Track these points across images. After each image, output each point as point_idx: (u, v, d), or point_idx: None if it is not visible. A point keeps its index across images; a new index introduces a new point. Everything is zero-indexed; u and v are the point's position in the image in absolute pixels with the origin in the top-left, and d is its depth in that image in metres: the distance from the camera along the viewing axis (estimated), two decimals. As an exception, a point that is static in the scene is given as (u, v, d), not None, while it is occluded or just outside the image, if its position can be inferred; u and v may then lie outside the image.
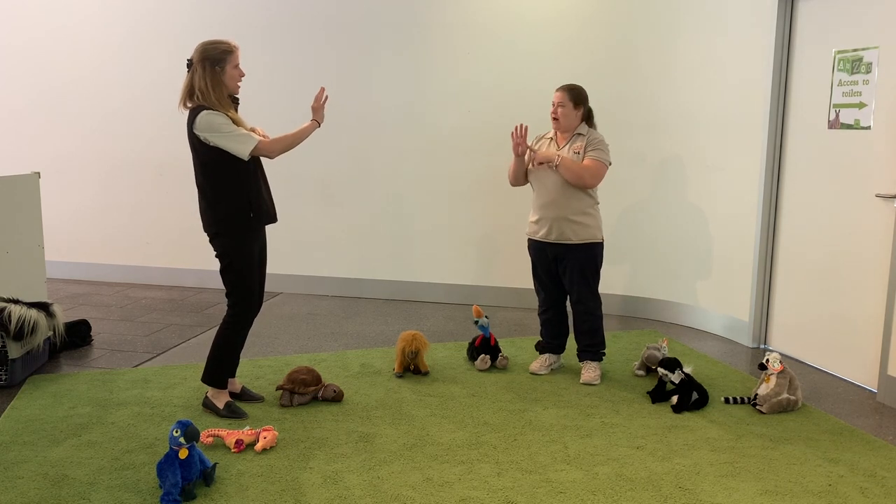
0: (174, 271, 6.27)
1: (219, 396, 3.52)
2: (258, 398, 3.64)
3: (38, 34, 6.25)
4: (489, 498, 2.77)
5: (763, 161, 4.55)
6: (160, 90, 6.09)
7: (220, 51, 3.27)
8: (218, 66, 3.26)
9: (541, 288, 4.10)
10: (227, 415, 3.47)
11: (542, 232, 3.93)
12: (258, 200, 3.37)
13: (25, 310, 3.94)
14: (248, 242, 3.38)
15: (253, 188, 3.35)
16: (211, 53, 3.26)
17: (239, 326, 3.44)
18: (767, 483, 2.90)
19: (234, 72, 3.30)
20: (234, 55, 3.29)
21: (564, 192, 3.85)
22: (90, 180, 6.33)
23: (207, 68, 3.25)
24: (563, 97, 3.88)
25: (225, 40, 3.31)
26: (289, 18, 5.79)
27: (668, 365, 3.68)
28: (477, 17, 5.48)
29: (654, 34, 5.15)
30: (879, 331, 3.91)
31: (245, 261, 3.38)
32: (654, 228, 5.28)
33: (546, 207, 3.89)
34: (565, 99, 3.88)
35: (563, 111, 3.88)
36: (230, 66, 3.29)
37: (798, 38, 4.39)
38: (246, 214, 3.34)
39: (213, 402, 3.52)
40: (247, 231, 3.36)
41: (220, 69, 3.27)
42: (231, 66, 3.29)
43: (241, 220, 3.34)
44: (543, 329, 4.18)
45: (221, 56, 3.26)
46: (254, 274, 3.42)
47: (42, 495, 2.76)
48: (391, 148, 5.76)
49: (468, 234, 5.73)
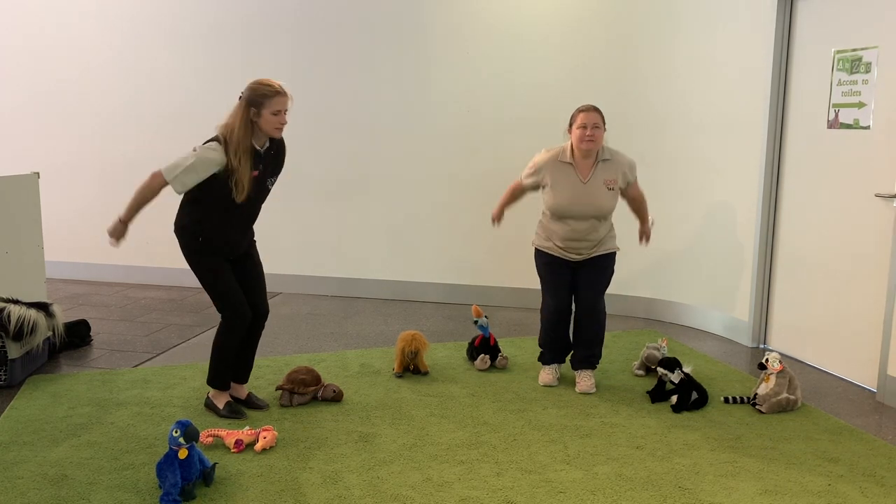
0: (174, 271, 6.27)
1: (219, 397, 3.52)
2: (263, 406, 3.60)
3: (38, 34, 6.25)
4: (489, 498, 2.77)
5: (763, 161, 4.55)
6: (160, 90, 6.09)
7: (259, 93, 3.18)
8: (253, 108, 3.19)
9: (554, 295, 3.85)
10: (226, 415, 3.47)
11: (567, 254, 3.79)
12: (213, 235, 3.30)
13: (25, 310, 3.94)
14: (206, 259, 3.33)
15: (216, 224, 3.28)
16: (251, 94, 3.19)
17: (229, 334, 3.41)
18: (767, 483, 2.90)
19: (271, 118, 3.20)
20: (273, 100, 3.17)
21: (596, 227, 3.73)
22: (90, 180, 6.33)
23: (243, 107, 3.20)
24: (598, 118, 3.64)
25: (272, 83, 3.20)
26: (289, 18, 5.79)
27: (668, 365, 3.68)
28: (477, 17, 5.48)
29: (653, 34, 5.15)
30: (879, 331, 3.91)
31: (204, 272, 3.34)
32: (654, 228, 5.27)
33: (579, 241, 3.74)
34: (600, 120, 3.64)
35: (599, 133, 3.64)
36: (267, 111, 3.18)
37: (797, 37, 4.39)
38: (195, 239, 3.31)
39: (214, 403, 3.53)
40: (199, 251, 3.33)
41: (256, 112, 3.19)
42: (269, 110, 3.18)
43: (192, 240, 3.32)
44: (550, 337, 3.95)
45: (259, 99, 3.18)
46: (221, 286, 3.34)
47: (42, 495, 2.76)
48: (391, 148, 5.76)
49: (468, 234, 5.72)
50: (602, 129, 3.65)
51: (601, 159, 3.71)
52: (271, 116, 3.20)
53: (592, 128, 3.62)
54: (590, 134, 3.61)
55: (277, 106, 3.19)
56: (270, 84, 3.21)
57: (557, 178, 3.72)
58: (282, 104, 3.21)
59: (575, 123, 3.68)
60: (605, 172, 3.71)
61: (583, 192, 3.68)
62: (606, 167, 3.72)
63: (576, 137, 3.66)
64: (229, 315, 3.38)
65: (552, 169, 3.74)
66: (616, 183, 3.72)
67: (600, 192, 3.69)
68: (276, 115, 3.20)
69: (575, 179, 3.70)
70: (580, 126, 3.64)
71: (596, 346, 3.90)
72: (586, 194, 3.68)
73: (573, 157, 3.72)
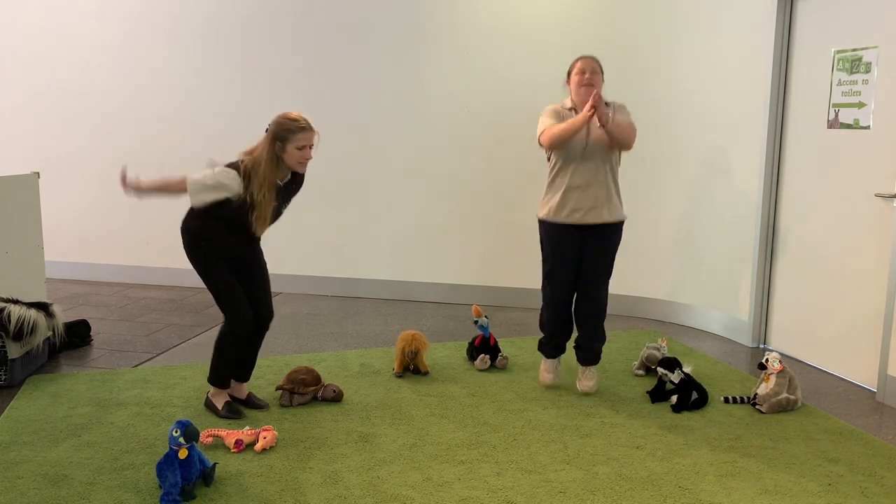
0: (174, 271, 6.27)
1: (218, 396, 3.52)
2: (263, 406, 3.60)
3: (38, 33, 6.25)
4: (489, 498, 2.77)
5: (763, 161, 4.55)
6: (160, 90, 6.09)
7: (285, 128, 3.19)
8: (279, 143, 3.20)
9: (556, 279, 3.72)
10: (225, 415, 3.47)
11: (575, 214, 3.62)
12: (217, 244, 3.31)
13: (25, 310, 3.94)
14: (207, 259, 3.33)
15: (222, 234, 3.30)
16: (276, 128, 3.20)
17: (230, 337, 3.41)
18: (767, 483, 2.90)
19: (296, 152, 3.21)
20: (298, 136, 3.19)
21: (607, 169, 3.61)
22: (90, 180, 6.33)
23: (269, 140, 3.20)
24: (596, 66, 3.61)
25: (298, 119, 3.21)
26: (289, 19, 5.79)
27: (668, 365, 3.68)
28: (477, 17, 5.48)
29: (653, 34, 5.15)
30: (879, 330, 3.91)
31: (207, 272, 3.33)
32: (654, 228, 5.28)
33: (586, 188, 3.60)
34: (598, 67, 3.61)
35: (597, 79, 3.59)
36: (292, 146, 3.20)
37: (797, 37, 4.39)
38: (198, 242, 3.31)
39: (213, 402, 3.53)
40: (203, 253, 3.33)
41: (281, 146, 3.20)
42: (294, 145, 3.19)
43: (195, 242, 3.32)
44: (552, 328, 3.84)
45: (285, 133, 3.19)
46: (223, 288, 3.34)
47: (42, 495, 2.76)
48: (391, 147, 5.76)
49: (468, 233, 5.73)
50: (600, 75, 3.62)
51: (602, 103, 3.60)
52: (296, 151, 3.21)
53: (591, 73, 3.58)
54: (588, 77, 3.58)
55: (303, 141, 3.21)
56: (297, 119, 3.22)
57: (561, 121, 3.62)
58: (307, 139, 3.22)
59: (573, 71, 3.65)
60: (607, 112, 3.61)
61: (585, 131, 3.58)
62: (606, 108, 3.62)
63: (574, 84, 3.63)
64: (230, 318, 3.38)
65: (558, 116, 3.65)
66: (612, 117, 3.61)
67: (599, 130, 3.58)
68: (301, 149, 3.21)
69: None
70: (578, 72, 3.61)
71: (599, 335, 3.80)
72: (589, 132, 3.58)
73: (574, 106, 3.67)
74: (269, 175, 3.20)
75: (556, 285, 3.75)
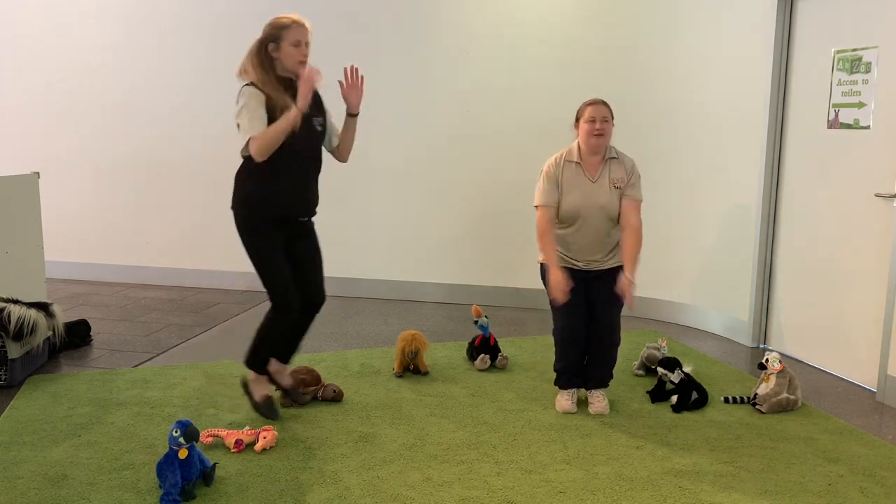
0: (174, 271, 6.27)
1: (258, 385, 3.36)
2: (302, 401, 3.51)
3: (37, 32, 6.25)
4: (489, 498, 2.77)
5: (763, 161, 4.55)
6: (160, 89, 6.09)
7: (277, 25, 3.05)
8: (272, 43, 3.05)
9: (569, 314, 3.50)
10: (261, 409, 3.33)
11: (583, 264, 3.53)
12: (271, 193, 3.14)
13: (25, 310, 3.94)
14: (258, 232, 3.18)
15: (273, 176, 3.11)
16: (267, 29, 3.06)
17: (274, 322, 3.26)
18: (767, 483, 2.90)
19: (291, 50, 3.04)
20: (292, 30, 3.03)
21: (608, 231, 3.50)
22: (90, 180, 6.33)
23: (257, 45, 3.07)
24: (607, 112, 3.43)
25: (287, 15, 3.08)
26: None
27: (668, 364, 3.68)
28: (477, 18, 5.48)
29: (653, 34, 5.15)
30: (879, 331, 3.91)
31: (256, 252, 3.18)
32: (654, 228, 5.28)
33: (591, 246, 3.49)
34: (608, 114, 3.44)
35: (608, 127, 3.44)
36: (287, 43, 3.04)
37: (797, 37, 4.39)
38: (253, 204, 3.16)
39: (251, 389, 3.38)
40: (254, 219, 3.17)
41: (275, 46, 3.04)
42: (288, 42, 3.04)
43: (250, 209, 3.18)
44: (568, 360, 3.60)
45: (276, 32, 3.04)
46: (273, 270, 3.19)
47: (42, 495, 2.76)
48: (391, 147, 5.76)
49: (468, 233, 5.73)
50: (611, 122, 3.46)
51: (608, 157, 3.50)
52: (292, 49, 3.05)
53: (601, 121, 3.41)
54: (599, 128, 3.41)
55: (297, 36, 3.04)
56: (287, 16, 3.07)
57: (566, 179, 3.49)
58: (302, 34, 3.05)
59: (582, 118, 3.48)
60: (614, 172, 3.50)
61: (592, 191, 3.47)
62: (615, 166, 3.50)
63: (583, 133, 3.46)
64: (277, 303, 3.24)
65: (562, 171, 3.51)
66: (622, 182, 3.48)
67: (608, 193, 3.48)
68: (296, 46, 3.05)
69: (583, 179, 3.48)
70: (588, 120, 3.44)
71: (610, 366, 3.67)
72: (596, 194, 3.47)
73: (580, 156, 3.50)
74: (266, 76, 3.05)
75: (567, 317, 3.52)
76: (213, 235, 6.14)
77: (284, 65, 3.09)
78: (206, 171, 6.08)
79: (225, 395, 3.76)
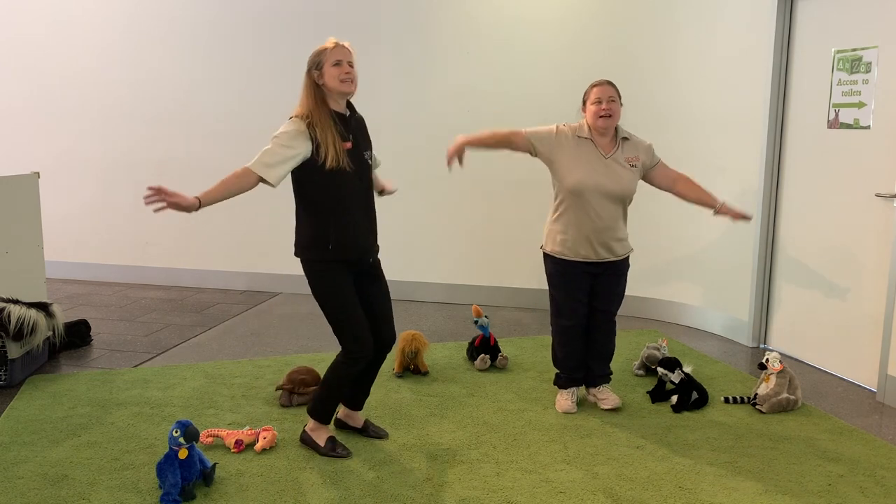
0: (173, 271, 6.27)
1: (319, 432, 3.16)
2: (383, 435, 3.32)
3: (38, 33, 6.25)
4: (489, 498, 2.77)
5: (763, 161, 4.55)
6: (160, 89, 6.09)
7: (316, 53, 2.97)
8: (316, 71, 2.96)
9: (570, 308, 3.48)
10: (327, 453, 3.11)
11: (586, 252, 3.42)
12: (340, 235, 2.97)
13: (25, 310, 3.94)
14: (331, 275, 2.99)
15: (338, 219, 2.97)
16: (310, 59, 2.98)
17: (347, 366, 3.04)
18: (767, 483, 2.90)
19: (333, 70, 2.93)
20: (331, 52, 2.93)
21: (619, 215, 3.44)
22: (89, 180, 6.33)
23: (307, 76, 2.98)
24: (613, 91, 3.36)
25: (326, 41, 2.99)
26: (286, 18, 5.79)
27: (668, 365, 3.68)
28: (477, 18, 5.48)
29: (653, 34, 5.15)
30: (879, 331, 3.91)
31: (331, 297, 2.98)
32: (654, 228, 5.28)
33: (603, 232, 3.40)
34: (615, 93, 3.37)
35: (615, 107, 3.36)
36: (328, 65, 2.93)
37: (798, 37, 4.39)
38: (325, 247, 2.97)
39: (313, 439, 3.15)
40: (327, 262, 2.98)
41: (319, 73, 2.95)
42: (329, 63, 2.93)
43: (320, 252, 2.98)
44: (567, 355, 3.58)
45: (317, 58, 2.96)
46: (346, 310, 2.99)
47: (42, 495, 2.76)
48: (391, 147, 5.76)
49: (468, 233, 5.73)
50: (618, 102, 3.38)
51: (621, 137, 3.43)
52: (333, 69, 2.93)
53: (608, 101, 3.34)
54: (605, 108, 3.33)
55: (337, 56, 2.94)
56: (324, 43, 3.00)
57: (576, 154, 3.39)
58: (341, 54, 2.95)
59: (589, 99, 3.41)
60: (626, 151, 3.43)
61: (604, 168, 3.37)
62: (627, 146, 3.44)
63: (591, 114, 3.39)
64: (351, 349, 3.01)
65: (570, 143, 3.41)
66: (638, 160, 3.42)
67: (623, 170, 3.38)
68: (337, 65, 2.93)
69: (596, 154, 3.38)
70: (595, 101, 3.37)
71: (609, 360, 3.68)
72: (608, 171, 3.37)
73: (591, 134, 3.42)
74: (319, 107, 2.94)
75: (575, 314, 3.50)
76: (213, 235, 6.14)
77: (329, 87, 2.95)
78: (206, 170, 6.08)
79: (225, 395, 3.76)
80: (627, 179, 3.40)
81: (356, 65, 3.01)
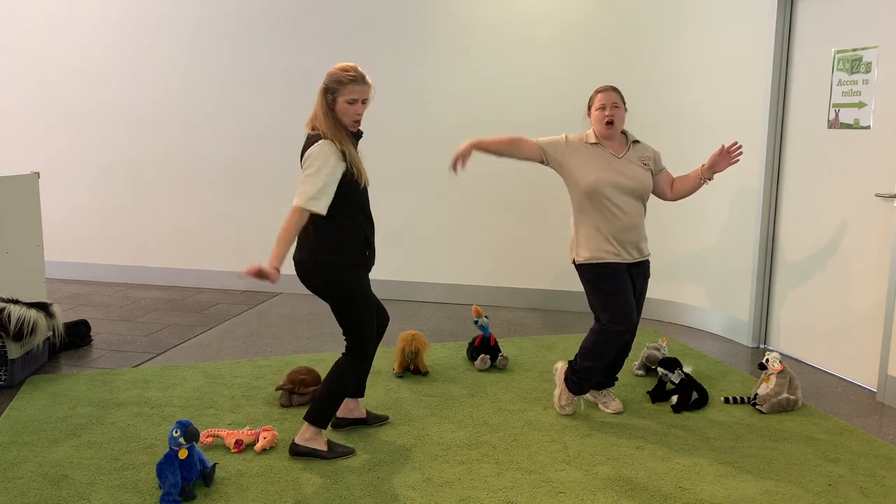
0: (173, 271, 6.27)
1: (316, 440, 3.09)
2: (384, 418, 3.43)
3: (37, 32, 6.25)
4: (489, 498, 2.77)
5: (763, 161, 4.55)
6: (160, 89, 6.09)
7: (335, 78, 2.91)
8: (330, 95, 2.91)
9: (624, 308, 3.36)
10: (336, 457, 3.09)
11: (626, 254, 3.42)
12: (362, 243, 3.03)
13: (25, 310, 3.94)
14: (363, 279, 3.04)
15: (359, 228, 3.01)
16: (327, 78, 2.93)
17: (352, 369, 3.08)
18: (767, 483, 2.90)
19: (346, 107, 2.90)
20: (348, 87, 2.87)
21: (641, 212, 3.46)
22: (90, 180, 6.33)
23: (321, 93, 2.93)
24: (617, 97, 3.42)
25: (349, 68, 2.91)
26: (290, 18, 5.79)
27: (668, 365, 3.68)
28: (477, 17, 5.48)
29: (653, 34, 5.15)
30: (879, 331, 3.91)
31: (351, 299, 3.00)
32: (654, 228, 5.27)
33: (630, 230, 3.40)
34: (619, 99, 3.43)
35: (620, 113, 3.42)
36: (342, 99, 2.90)
37: (798, 37, 4.39)
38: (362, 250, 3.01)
39: (311, 447, 3.08)
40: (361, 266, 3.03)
41: (332, 99, 2.91)
42: (344, 98, 2.89)
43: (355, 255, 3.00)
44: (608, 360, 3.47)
45: (334, 85, 2.90)
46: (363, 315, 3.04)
47: (42, 495, 2.76)
48: (391, 148, 5.76)
49: (468, 234, 5.72)
50: (622, 108, 3.45)
51: (632, 140, 3.50)
52: (346, 106, 2.90)
53: (612, 107, 3.40)
54: (609, 114, 3.40)
55: (354, 94, 2.89)
56: (348, 69, 2.90)
57: (588, 156, 3.44)
58: (358, 93, 2.89)
59: (593, 105, 3.47)
60: (638, 151, 3.50)
61: (619, 165, 3.42)
62: (638, 147, 3.51)
63: (596, 120, 3.45)
64: (361, 351, 3.08)
65: (581, 149, 3.47)
66: (650, 160, 3.48)
67: (637, 168, 3.44)
68: (351, 104, 2.90)
69: (609, 155, 3.44)
70: (599, 107, 3.43)
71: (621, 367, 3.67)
72: (623, 168, 3.42)
73: (599, 139, 3.48)
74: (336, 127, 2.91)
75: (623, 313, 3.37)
76: (213, 235, 6.14)
77: (338, 117, 2.95)
78: (206, 171, 6.08)
79: (225, 395, 3.76)
80: (643, 176, 3.44)
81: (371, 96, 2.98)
